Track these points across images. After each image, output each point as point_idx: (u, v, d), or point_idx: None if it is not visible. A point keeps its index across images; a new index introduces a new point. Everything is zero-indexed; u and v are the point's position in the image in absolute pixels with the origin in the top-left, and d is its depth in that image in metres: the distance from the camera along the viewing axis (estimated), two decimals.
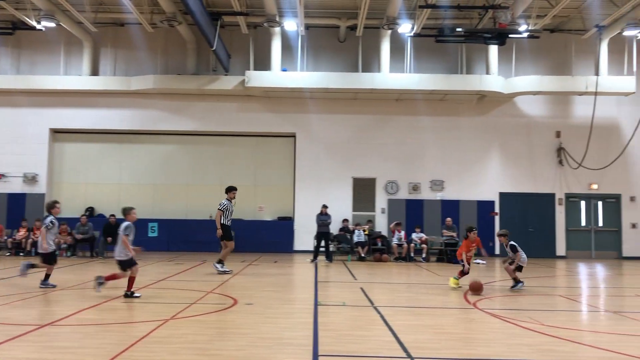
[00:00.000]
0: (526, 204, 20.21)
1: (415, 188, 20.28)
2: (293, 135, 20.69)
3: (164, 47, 20.76)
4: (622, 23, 18.16)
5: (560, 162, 20.40)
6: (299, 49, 20.11)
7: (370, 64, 20.29)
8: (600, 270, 16.21)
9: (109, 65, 20.84)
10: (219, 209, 12.83)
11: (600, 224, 20.61)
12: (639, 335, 6.86)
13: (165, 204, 20.50)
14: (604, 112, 20.11)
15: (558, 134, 20.49)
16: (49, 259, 9.98)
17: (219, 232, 12.74)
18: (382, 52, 19.39)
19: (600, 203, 20.68)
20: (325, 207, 17.03)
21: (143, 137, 20.87)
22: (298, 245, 19.96)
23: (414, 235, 18.00)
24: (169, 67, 20.67)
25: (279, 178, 20.78)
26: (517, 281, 10.72)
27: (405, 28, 18.75)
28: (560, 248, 20.31)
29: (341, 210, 19.76)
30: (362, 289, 10.70)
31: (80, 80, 20.14)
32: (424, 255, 17.56)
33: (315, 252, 16.76)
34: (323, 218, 16.77)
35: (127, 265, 8.86)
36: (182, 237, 19.74)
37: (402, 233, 18.12)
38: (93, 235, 17.64)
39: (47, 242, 9.88)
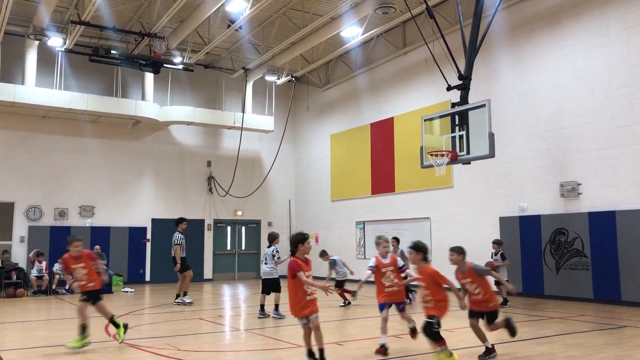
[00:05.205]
0: None
1: (62, 214, 18.75)
2: None
3: None
4: (263, 68, 20.51)
5: (210, 190, 21.69)
6: None
7: (13, 74, 18.09)
8: (241, 291, 17.67)
9: None
10: (176, 243, 12.87)
11: (243, 247, 22.60)
12: (258, 350, 7.66)
13: None
14: (248, 145, 22.25)
15: (209, 164, 21.78)
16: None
17: (178, 266, 12.83)
18: (27, 62, 17.52)
19: (243, 228, 22.70)
20: None
21: None
22: None
23: (56, 266, 16.51)
24: None
25: None
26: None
27: (56, 42, 17.38)
28: (208, 271, 21.45)
29: None
30: None
31: None
32: (67, 287, 16.22)
33: None
34: None
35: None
36: None
37: (44, 264, 16.45)
38: None
39: None
